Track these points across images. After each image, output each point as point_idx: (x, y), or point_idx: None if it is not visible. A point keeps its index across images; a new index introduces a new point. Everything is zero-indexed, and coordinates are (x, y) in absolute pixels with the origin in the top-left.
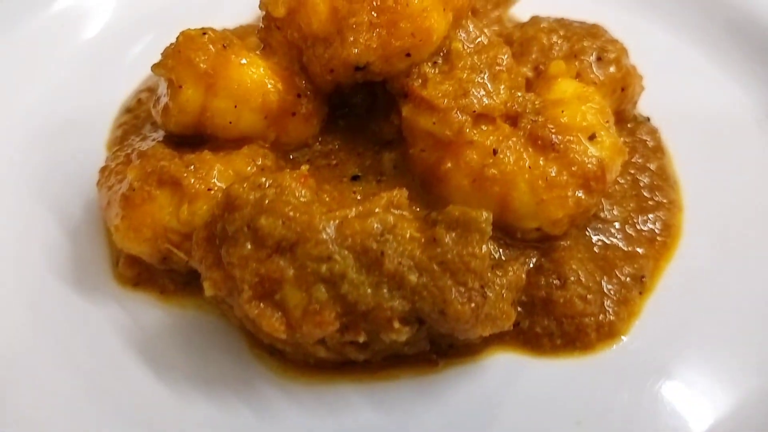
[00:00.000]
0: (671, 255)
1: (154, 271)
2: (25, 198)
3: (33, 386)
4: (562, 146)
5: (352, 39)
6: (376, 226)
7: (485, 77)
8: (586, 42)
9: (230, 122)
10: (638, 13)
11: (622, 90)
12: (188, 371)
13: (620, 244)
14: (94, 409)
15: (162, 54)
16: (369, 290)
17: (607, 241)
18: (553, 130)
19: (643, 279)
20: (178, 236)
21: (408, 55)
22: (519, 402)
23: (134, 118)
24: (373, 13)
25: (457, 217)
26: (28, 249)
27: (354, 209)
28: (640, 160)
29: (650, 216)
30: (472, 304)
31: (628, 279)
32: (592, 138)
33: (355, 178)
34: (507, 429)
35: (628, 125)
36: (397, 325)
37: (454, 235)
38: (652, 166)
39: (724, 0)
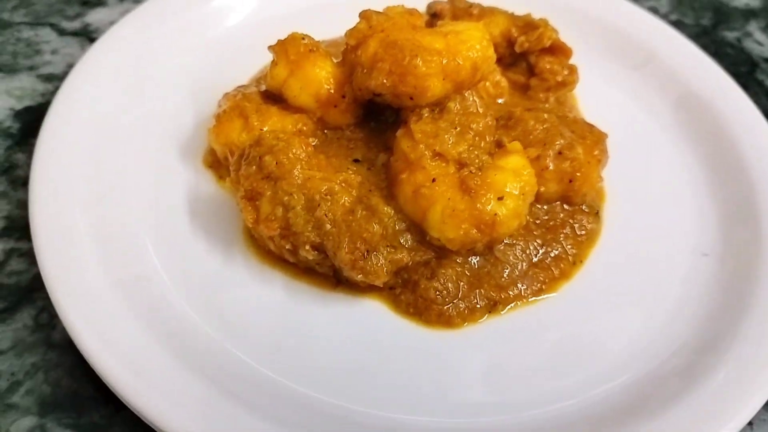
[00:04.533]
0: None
1: (221, 163)
2: (181, 118)
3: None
4: (475, 194)
5: (374, 75)
6: (325, 188)
7: (455, 132)
8: (559, 138)
9: (294, 95)
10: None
11: (569, 181)
12: (219, 221)
13: (495, 277)
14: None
15: (278, 41)
16: (302, 221)
17: (487, 270)
18: (478, 183)
19: (497, 304)
20: (237, 149)
21: (411, 98)
22: (374, 328)
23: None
24: (394, 65)
25: (374, 205)
26: (169, 138)
27: (321, 174)
28: (557, 236)
29: (533, 272)
30: (353, 257)
31: (484, 299)
32: (499, 199)
33: (356, 160)
34: (359, 342)
35: (568, 207)
36: (308, 248)
37: (365, 213)
38: (568, 246)
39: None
